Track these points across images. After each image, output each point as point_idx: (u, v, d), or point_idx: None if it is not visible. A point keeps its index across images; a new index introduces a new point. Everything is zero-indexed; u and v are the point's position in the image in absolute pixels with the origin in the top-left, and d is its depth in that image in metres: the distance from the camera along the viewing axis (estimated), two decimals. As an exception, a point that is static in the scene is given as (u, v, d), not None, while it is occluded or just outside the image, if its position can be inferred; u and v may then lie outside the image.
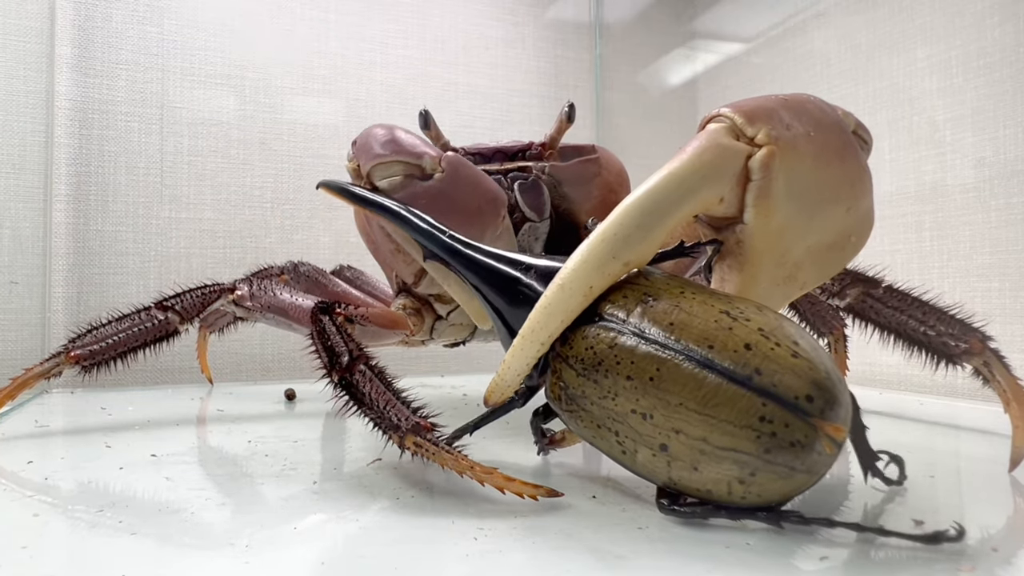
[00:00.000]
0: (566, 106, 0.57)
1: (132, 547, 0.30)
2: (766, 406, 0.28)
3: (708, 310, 0.31)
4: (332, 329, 0.45)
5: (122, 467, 0.44)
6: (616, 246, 0.32)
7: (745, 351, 0.29)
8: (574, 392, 0.33)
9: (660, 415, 0.30)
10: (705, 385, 0.29)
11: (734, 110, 0.35)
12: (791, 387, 0.28)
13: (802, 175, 0.35)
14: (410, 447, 0.38)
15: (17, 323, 0.83)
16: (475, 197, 0.46)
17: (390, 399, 0.41)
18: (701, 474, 0.29)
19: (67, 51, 0.91)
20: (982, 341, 0.45)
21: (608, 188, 0.58)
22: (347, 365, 0.42)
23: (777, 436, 0.27)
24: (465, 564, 0.28)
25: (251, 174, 0.99)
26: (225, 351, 0.94)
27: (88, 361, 0.58)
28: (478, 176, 0.47)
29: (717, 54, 1.17)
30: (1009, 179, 0.73)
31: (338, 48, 1.05)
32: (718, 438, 0.28)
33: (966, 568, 0.27)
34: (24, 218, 0.84)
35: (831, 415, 0.28)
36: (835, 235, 0.37)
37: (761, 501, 0.29)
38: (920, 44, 0.82)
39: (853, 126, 0.38)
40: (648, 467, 0.31)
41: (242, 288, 0.62)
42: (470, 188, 0.46)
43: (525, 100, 1.17)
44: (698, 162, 0.33)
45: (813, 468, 0.28)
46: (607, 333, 0.32)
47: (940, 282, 0.79)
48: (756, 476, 0.28)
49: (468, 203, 0.46)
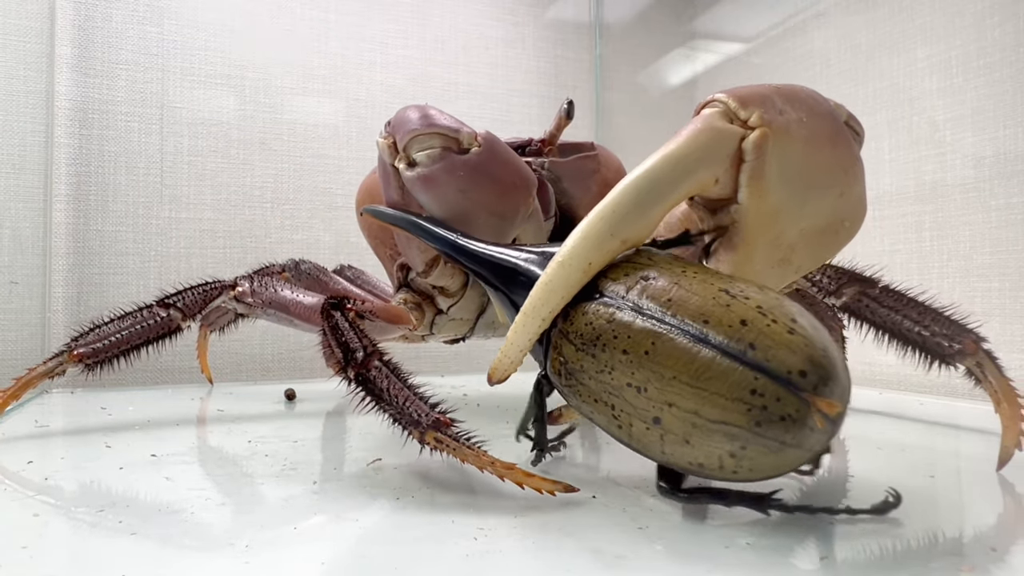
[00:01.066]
0: (565, 103, 0.57)
1: (132, 547, 0.30)
2: (758, 380, 0.28)
3: (708, 288, 0.31)
4: (345, 324, 0.45)
5: (122, 467, 0.44)
6: (614, 224, 0.33)
7: (741, 327, 0.29)
8: (573, 366, 0.34)
9: (654, 388, 0.30)
10: (698, 359, 0.29)
11: (728, 95, 0.36)
12: (784, 362, 0.28)
13: (795, 158, 0.35)
14: (431, 443, 0.38)
15: (17, 323, 0.83)
16: (510, 173, 0.47)
17: (408, 395, 0.41)
18: (693, 448, 0.29)
19: (67, 51, 0.91)
20: (976, 342, 0.46)
21: (607, 184, 0.58)
22: (363, 360, 0.42)
23: (768, 410, 0.28)
24: (465, 564, 0.28)
25: (251, 174, 0.99)
26: (225, 351, 0.94)
27: (91, 359, 0.57)
28: (512, 155, 0.48)
29: (717, 54, 1.17)
30: (1009, 179, 0.73)
31: (338, 48, 1.05)
32: (709, 411, 0.29)
33: (966, 568, 0.27)
34: (24, 218, 0.84)
35: (824, 391, 0.28)
36: (829, 219, 0.37)
37: (753, 476, 0.29)
38: (920, 44, 0.82)
39: (845, 117, 0.39)
40: (643, 441, 0.32)
41: (243, 284, 0.62)
42: (505, 165, 0.47)
43: (525, 100, 1.17)
44: (694, 144, 0.34)
45: (804, 443, 0.28)
46: (606, 309, 0.33)
47: (940, 282, 0.79)
48: (747, 450, 0.28)
49: (504, 178, 0.47)
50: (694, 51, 1.22)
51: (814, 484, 0.40)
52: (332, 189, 1.03)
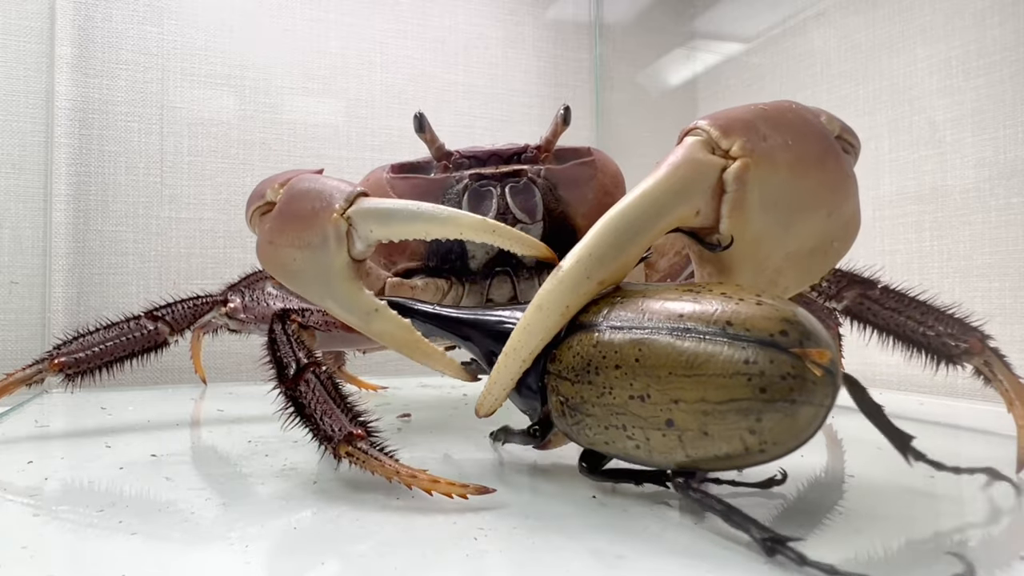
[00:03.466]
0: (561, 109, 0.57)
1: (132, 547, 0.30)
2: (746, 350, 0.29)
3: (672, 292, 0.33)
4: (283, 338, 0.45)
5: (122, 467, 0.44)
6: (591, 266, 0.34)
7: (711, 312, 0.31)
8: (574, 401, 0.34)
9: (656, 391, 0.31)
10: (685, 350, 0.30)
11: (710, 122, 0.35)
12: (763, 328, 0.29)
13: (779, 184, 0.35)
14: (343, 456, 0.39)
15: (17, 323, 0.83)
16: (308, 202, 0.44)
17: (329, 409, 0.41)
18: (712, 438, 0.30)
19: (67, 51, 0.91)
20: (981, 340, 0.45)
21: (604, 191, 0.58)
22: (294, 376, 0.43)
23: (766, 374, 0.28)
24: (465, 564, 0.28)
25: (251, 174, 0.99)
26: (225, 351, 0.94)
27: (72, 369, 0.56)
28: (311, 183, 0.45)
29: (717, 54, 1.17)
30: (1009, 179, 0.73)
31: (338, 48, 1.05)
32: (714, 393, 0.29)
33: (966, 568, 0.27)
34: (24, 218, 0.84)
35: (809, 343, 0.29)
36: (816, 241, 0.37)
37: (779, 450, 0.29)
38: (920, 44, 0.82)
39: (837, 131, 0.39)
40: (664, 451, 0.32)
41: (234, 300, 0.60)
42: (301, 198, 0.45)
43: (525, 100, 1.17)
44: (672, 178, 0.34)
45: (813, 398, 0.28)
46: (588, 336, 0.34)
47: (940, 282, 0.79)
48: (762, 421, 0.29)
49: (301, 210, 0.44)
50: (694, 51, 1.22)
51: (813, 484, 0.40)
52: (332, 189, 1.03)
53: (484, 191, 0.54)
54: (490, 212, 0.53)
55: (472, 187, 0.54)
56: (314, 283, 0.44)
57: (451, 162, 0.57)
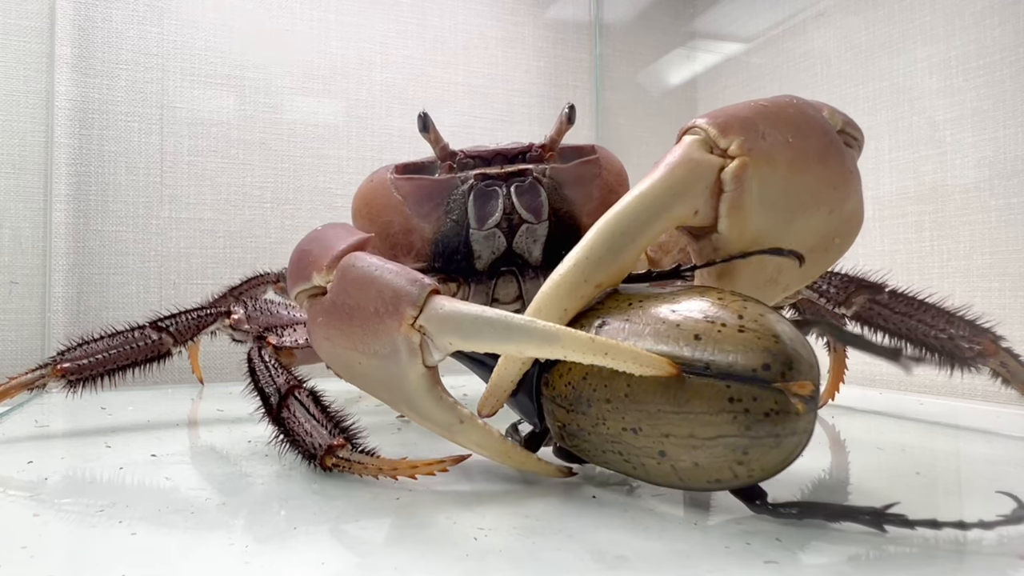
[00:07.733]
0: (566, 107, 0.57)
1: (132, 547, 0.30)
2: (730, 387, 0.29)
3: (654, 315, 0.32)
4: (261, 366, 0.46)
5: (122, 467, 0.44)
6: (588, 270, 0.33)
7: (696, 342, 0.30)
8: (571, 428, 0.35)
9: (647, 425, 0.31)
10: (672, 386, 0.30)
11: (709, 121, 0.35)
12: (746, 363, 0.29)
13: (778, 183, 0.35)
14: (330, 467, 0.40)
15: (17, 323, 0.83)
16: (371, 298, 0.37)
17: (311, 427, 0.42)
18: (704, 468, 0.30)
19: (67, 51, 0.91)
20: (994, 341, 0.45)
21: (608, 189, 0.58)
22: (277, 405, 0.44)
23: (750, 412, 0.29)
24: (465, 564, 0.28)
25: (251, 174, 0.99)
26: (226, 351, 0.94)
27: (75, 376, 0.56)
28: (378, 269, 0.38)
29: (717, 54, 1.17)
30: (1009, 179, 0.73)
31: (338, 48, 1.05)
32: (702, 430, 0.29)
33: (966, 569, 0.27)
34: (24, 218, 0.84)
35: (791, 375, 0.29)
36: (817, 238, 0.37)
37: (767, 474, 0.30)
38: (920, 44, 0.82)
39: (840, 125, 0.38)
40: (658, 475, 0.32)
41: (238, 312, 0.60)
42: (364, 287, 0.38)
43: (525, 100, 1.17)
44: (670, 179, 0.34)
45: (797, 429, 0.29)
46: (579, 365, 0.33)
47: (940, 282, 0.79)
48: (749, 454, 0.29)
49: (364, 306, 0.38)
50: (694, 51, 1.22)
51: (815, 484, 0.40)
52: (332, 189, 1.03)
53: (490, 191, 0.54)
54: (496, 212, 0.53)
55: (477, 187, 0.54)
56: (385, 391, 0.39)
57: (456, 162, 0.57)
